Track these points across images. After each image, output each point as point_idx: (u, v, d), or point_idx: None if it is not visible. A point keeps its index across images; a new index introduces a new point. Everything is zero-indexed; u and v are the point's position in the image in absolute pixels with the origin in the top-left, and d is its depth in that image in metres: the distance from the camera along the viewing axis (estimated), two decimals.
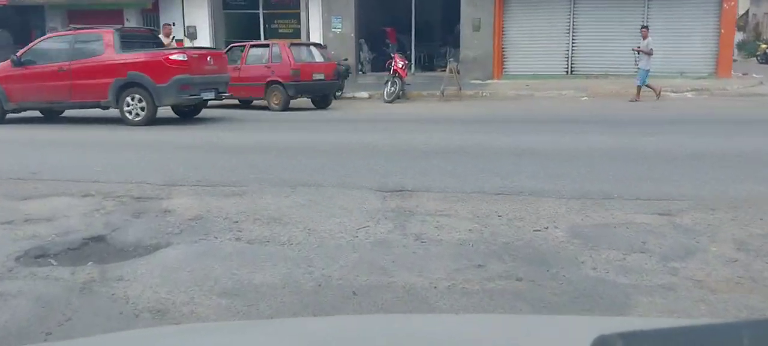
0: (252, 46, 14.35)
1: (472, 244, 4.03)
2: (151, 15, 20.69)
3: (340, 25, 19.24)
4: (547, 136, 8.77)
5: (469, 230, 4.33)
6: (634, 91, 13.94)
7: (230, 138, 9.13)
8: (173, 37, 14.34)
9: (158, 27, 20.65)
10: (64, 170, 6.62)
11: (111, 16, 20.60)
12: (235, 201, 5.24)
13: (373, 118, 11.97)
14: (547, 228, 4.36)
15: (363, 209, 4.90)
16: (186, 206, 5.14)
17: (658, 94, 13.86)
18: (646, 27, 14.34)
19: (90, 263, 3.99)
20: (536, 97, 15.39)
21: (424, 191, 5.48)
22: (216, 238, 4.29)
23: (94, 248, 4.24)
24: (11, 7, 19.96)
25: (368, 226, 4.47)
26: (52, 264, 3.97)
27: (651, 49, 13.72)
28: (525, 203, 5.00)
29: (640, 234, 4.25)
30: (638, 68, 13.99)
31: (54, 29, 21.34)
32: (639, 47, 14.02)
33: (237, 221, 4.65)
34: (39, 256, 4.06)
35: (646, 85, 13.84)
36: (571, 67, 18.61)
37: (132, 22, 20.88)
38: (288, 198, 5.33)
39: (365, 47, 20.19)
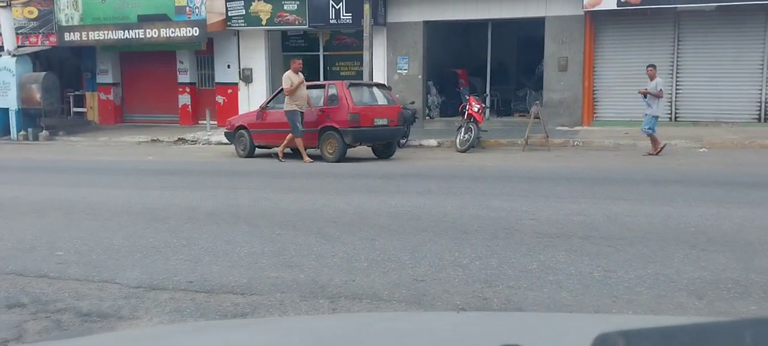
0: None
1: None
2: (205, 56, 19.32)
3: (406, 66, 17.24)
4: (712, 208, 6.03)
5: None
6: (649, 142, 11.64)
7: (262, 203, 6.87)
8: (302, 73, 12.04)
9: (213, 69, 19.26)
10: (15, 255, 4.62)
11: (164, 58, 19.39)
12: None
13: (447, 172, 9.72)
14: None
15: None
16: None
17: (659, 150, 11.36)
18: (653, 66, 11.94)
19: None
20: (640, 147, 12.79)
21: (554, 312, 3.16)
22: None
23: None
24: (62, 48, 18.95)
25: None
26: None
27: (660, 89, 11.45)
28: None
29: None
30: (646, 114, 11.53)
31: (105, 72, 20.33)
32: (646, 90, 11.53)
33: None
34: None
35: (648, 134, 11.48)
36: (675, 113, 15.86)
37: (185, 64, 19.55)
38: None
39: (434, 90, 18.05)
